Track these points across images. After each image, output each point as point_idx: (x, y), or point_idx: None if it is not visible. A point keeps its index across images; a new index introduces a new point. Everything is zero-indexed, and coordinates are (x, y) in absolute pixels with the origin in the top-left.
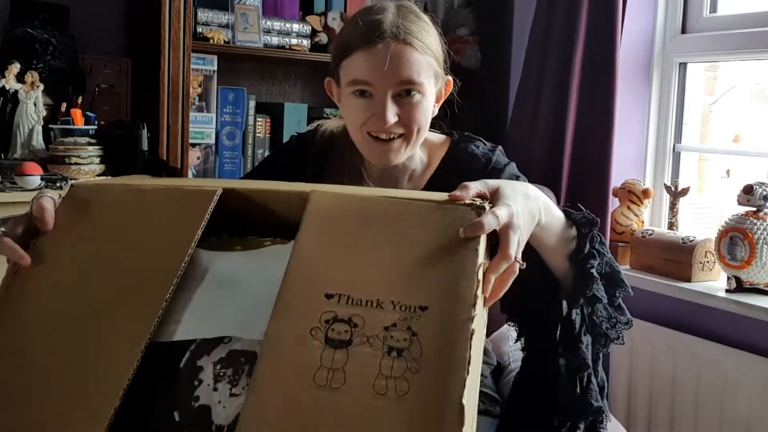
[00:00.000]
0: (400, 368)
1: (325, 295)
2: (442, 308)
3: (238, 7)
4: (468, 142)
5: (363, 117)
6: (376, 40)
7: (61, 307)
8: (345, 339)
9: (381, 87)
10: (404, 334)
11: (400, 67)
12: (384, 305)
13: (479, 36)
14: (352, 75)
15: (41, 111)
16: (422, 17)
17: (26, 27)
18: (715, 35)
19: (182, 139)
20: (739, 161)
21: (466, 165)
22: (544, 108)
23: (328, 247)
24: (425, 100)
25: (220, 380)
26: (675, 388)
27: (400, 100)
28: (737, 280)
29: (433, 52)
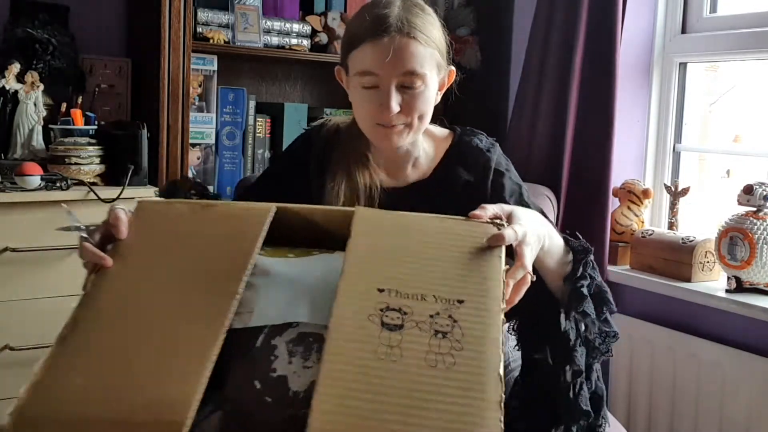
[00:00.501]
0: (446, 346)
1: (377, 289)
2: (476, 301)
3: (238, 7)
4: (471, 136)
5: (370, 108)
6: (382, 33)
7: (144, 300)
8: (398, 323)
9: (386, 77)
10: (447, 321)
11: (404, 59)
12: (427, 298)
13: (479, 36)
14: (360, 66)
15: (41, 111)
16: (426, 10)
17: (26, 27)
18: (715, 35)
19: (182, 139)
20: (739, 161)
21: (469, 157)
22: (544, 108)
23: (376, 251)
24: (427, 90)
25: (293, 355)
26: (675, 388)
27: (403, 90)
28: (737, 280)
29: (437, 44)
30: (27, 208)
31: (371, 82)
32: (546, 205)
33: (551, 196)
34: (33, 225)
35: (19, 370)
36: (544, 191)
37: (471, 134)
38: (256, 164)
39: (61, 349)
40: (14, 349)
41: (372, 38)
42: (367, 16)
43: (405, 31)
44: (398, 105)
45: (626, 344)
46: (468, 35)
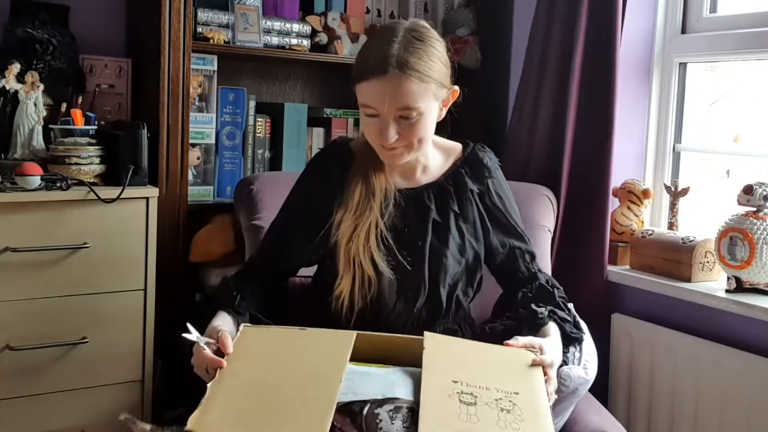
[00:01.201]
0: (511, 418)
1: (452, 380)
2: (528, 393)
3: (238, 7)
4: (483, 152)
5: (374, 132)
6: (380, 72)
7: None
8: (472, 402)
9: (384, 112)
10: (508, 403)
11: (400, 97)
12: (490, 389)
13: (479, 36)
14: (362, 99)
15: (41, 111)
16: (428, 41)
17: (26, 27)
18: (715, 35)
19: (182, 139)
20: (740, 161)
21: (476, 169)
22: (544, 108)
23: (446, 357)
24: (424, 118)
25: (394, 420)
26: (675, 387)
27: (401, 121)
28: (737, 280)
29: (433, 78)
30: (27, 208)
31: (372, 112)
32: (546, 205)
33: (551, 196)
34: (33, 225)
35: (19, 370)
36: (544, 191)
37: (483, 150)
38: (256, 164)
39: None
40: (14, 349)
41: (372, 76)
42: (369, 52)
43: (399, 70)
44: (396, 133)
45: (626, 344)
46: (468, 35)
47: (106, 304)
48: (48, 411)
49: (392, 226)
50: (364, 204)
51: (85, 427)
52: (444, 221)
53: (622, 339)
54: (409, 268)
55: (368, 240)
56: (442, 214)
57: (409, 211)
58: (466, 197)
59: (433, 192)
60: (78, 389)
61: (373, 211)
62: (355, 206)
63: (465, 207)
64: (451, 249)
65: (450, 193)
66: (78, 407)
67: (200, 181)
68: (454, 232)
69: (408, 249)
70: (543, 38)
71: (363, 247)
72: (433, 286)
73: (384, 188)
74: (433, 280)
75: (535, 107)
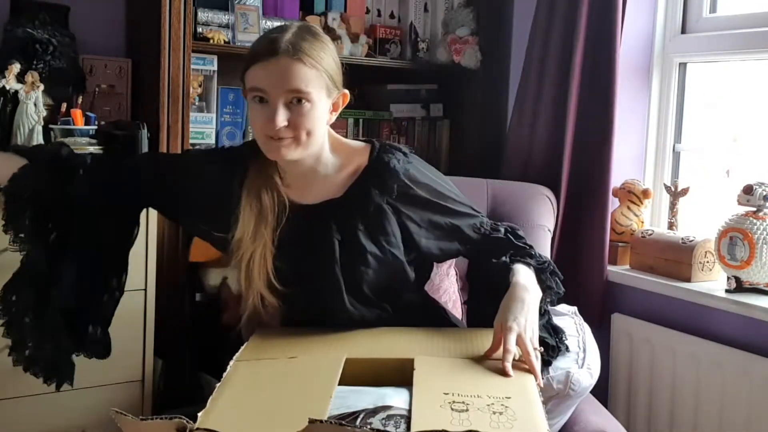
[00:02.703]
0: (503, 419)
1: (443, 392)
2: (520, 397)
3: (238, 7)
4: (389, 154)
5: (261, 121)
6: (271, 54)
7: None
8: (464, 409)
9: (274, 95)
10: (500, 407)
11: (290, 79)
12: (482, 396)
13: (479, 36)
14: (252, 82)
15: (41, 111)
16: (320, 38)
17: (26, 27)
18: (715, 35)
19: (182, 139)
20: (740, 161)
21: (384, 178)
22: (544, 108)
23: (435, 373)
24: (314, 109)
25: (387, 426)
26: (675, 387)
27: (291, 108)
28: (737, 280)
29: (324, 68)
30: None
31: (261, 95)
32: (546, 205)
33: (551, 196)
34: None
35: (19, 370)
36: (544, 191)
37: (389, 152)
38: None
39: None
40: None
41: (263, 58)
42: (263, 39)
43: (292, 53)
44: (285, 120)
45: (626, 344)
46: (468, 35)
47: None
48: (48, 411)
49: (292, 244)
50: (257, 228)
51: (85, 427)
52: (351, 238)
53: (622, 339)
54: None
55: (262, 264)
56: (346, 232)
57: (307, 229)
58: (372, 213)
59: (332, 210)
60: (78, 389)
61: (264, 236)
62: (249, 231)
63: (375, 221)
64: (370, 264)
65: (351, 210)
66: (78, 407)
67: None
68: (370, 245)
69: (315, 268)
70: (543, 38)
71: (258, 272)
72: (359, 298)
73: (276, 205)
74: (356, 292)
75: (535, 107)
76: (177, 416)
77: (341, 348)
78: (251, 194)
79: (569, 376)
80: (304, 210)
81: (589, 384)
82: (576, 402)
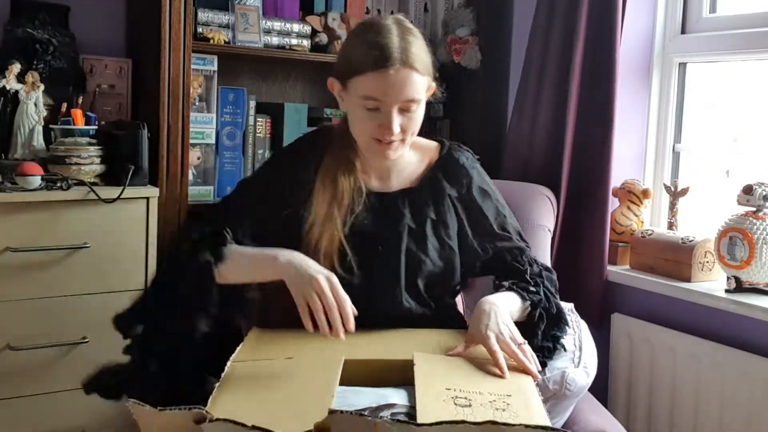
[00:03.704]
0: (507, 416)
1: (445, 388)
2: (520, 395)
3: (238, 7)
4: (459, 152)
5: (371, 126)
6: (385, 64)
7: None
8: (467, 404)
9: (388, 103)
10: (503, 404)
11: (407, 89)
12: (483, 393)
13: (479, 36)
14: (363, 91)
15: (42, 111)
16: (416, 34)
17: (26, 27)
18: (715, 35)
19: (182, 139)
20: (739, 161)
21: (453, 172)
22: (544, 108)
23: (438, 369)
24: (420, 110)
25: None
26: (675, 388)
27: (402, 113)
28: (737, 280)
29: (429, 70)
30: (27, 208)
31: (374, 105)
32: (546, 205)
33: (551, 196)
34: (33, 225)
35: (19, 370)
36: (544, 191)
37: (458, 150)
38: (256, 164)
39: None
40: (14, 349)
41: (377, 68)
42: (368, 45)
43: (406, 62)
44: (399, 126)
45: (626, 344)
46: (468, 35)
47: (106, 304)
48: (48, 411)
49: (363, 231)
50: (330, 210)
51: (85, 427)
52: (419, 227)
53: (622, 339)
54: (377, 275)
55: (330, 248)
56: (418, 220)
57: (381, 217)
58: (443, 202)
59: (408, 197)
60: (78, 389)
61: (336, 220)
62: (322, 213)
63: (443, 212)
64: (430, 255)
65: (426, 199)
66: (78, 407)
67: (200, 181)
68: (432, 238)
69: (381, 255)
70: (543, 38)
71: (324, 256)
72: (412, 292)
73: (352, 191)
74: (412, 285)
75: (535, 107)
76: (196, 407)
77: (338, 349)
78: (327, 178)
79: (564, 376)
80: (379, 197)
81: (585, 383)
82: (573, 402)
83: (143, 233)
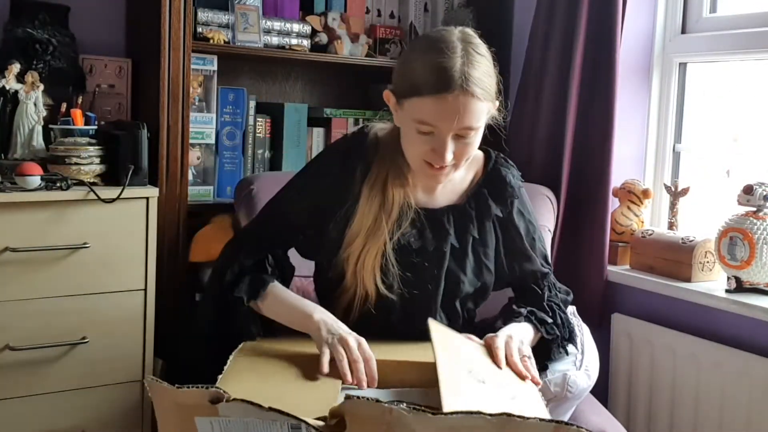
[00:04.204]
0: (517, 404)
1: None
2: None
3: (238, 7)
4: (506, 168)
5: (424, 150)
6: (444, 90)
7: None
8: (485, 380)
9: (444, 130)
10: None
11: (464, 117)
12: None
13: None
14: (420, 115)
15: (41, 111)
16: (483, 52)
17: (26, 27)
18: (715, 35)
19: (182, 139)
20: (740, 161)
21: (501, 189)
22: (544, 108)
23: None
24: (477, 136)
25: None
26: (675, 387)
27: (457, 140)
28: (737, 280)
29: (491, 94)
30: (27, 208)
31: (428, 129)
32: (546, 205)
33: (551, 196)
34: (33, 225)
35: (19, 370)
36: (544, 191)
37: (505, 165)
38: (256, 164)
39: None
40: (14, 349)
41: (434, 93)
42: (429, 65)
43: (466, 88)
44: (452, 153)
45: (626, 344)
46: None
47: (106, 304)
48: (48, 411)
49: (406, 246)
50: (377, 221)
51: (85, 427)
52: (462, 246)
53: (622, 339)
54: (415, 292)
55: (375, 262)
56: (461, 239)
57: (426, 233)
58: (487, 222)
59: (453, 215)
60: (78, 389)
61: (384, 233)
62: (369, 224)
63: (484, 232)
64: (468, 275)
65: (471, 218)
66: (78, 407)
67: (200, 181)
68: (471, 257)
69: (422, 272)
70: (543, 38)
71: (369, 269)
72: (447, 308)
73: (401, 205)
74: (448, 302)
75: (535, 107)
76: (213, 386)
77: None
78: (375, 188)
79: (566, 378)
80: (426, 213)
81: (586, 386)
82: (574, 404)
83: (143, 233)
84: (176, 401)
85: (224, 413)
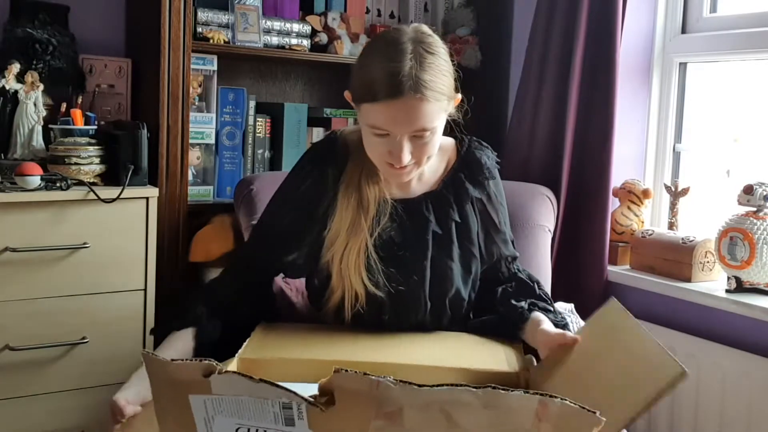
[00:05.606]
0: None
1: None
2: None
3: (238, 7)
4: (480, 151)
5: (381, 151)
6: (394, 94)
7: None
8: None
9: (398, 134)
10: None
11: (417, 121)
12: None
13: (479, 36)
14: (372, 121)
15: (41, 111)
16: (437, 53)
17: (26, 27)
18: (715, 35)
19: (182, 139)
20: (740, 161)
21: (475, 172)
22: (544, 108)
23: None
24: (435, 134)
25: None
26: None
27: (414, 140)
28: (737, 280)
29: (446, 94)
30: (27, 208)
31: (383, 132)
32: (546, 205)
33: (551, 196)
34: (33, 225)
35: (19, 370)
36: (544, 191)
37: (479, 148)
38: (256, 164)
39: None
40: (14, 349)
41: (384, 98)
42: (379, 70)
43: (415, 91)
44: (409, 154)
45: None
46: (468, 35)
47: (106, 304)
48: (48, 411)
49: (388, 240)
50: (356, 220)
51: (85, 427)
52: (445, 233)
53: None
54: (402, 287)
55: (359, 259)
56: (443, 225)
57: (406, 224)
58: (466, 205)
59: (432, 202)
60: (78, 389)
61: (364, 229)
62: (348, 224)
63: (465, 215)
64: (455, 261)
65: (449, 202)
66: (78, 407)
67: (200, 181)
68: (456, 243)
69: (407, 265)
70: (543, 38)
71: (354, 267)
72: (437, 299)
73: (377, 200)
74: (437, 293)
75: (535, 107)
76: (206, 359)
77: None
78: (350, 187)
79: None
80: (402, 204)
81: None
82: None
83: (143, 233)
84: (171, 377)
85: (217, 389)
